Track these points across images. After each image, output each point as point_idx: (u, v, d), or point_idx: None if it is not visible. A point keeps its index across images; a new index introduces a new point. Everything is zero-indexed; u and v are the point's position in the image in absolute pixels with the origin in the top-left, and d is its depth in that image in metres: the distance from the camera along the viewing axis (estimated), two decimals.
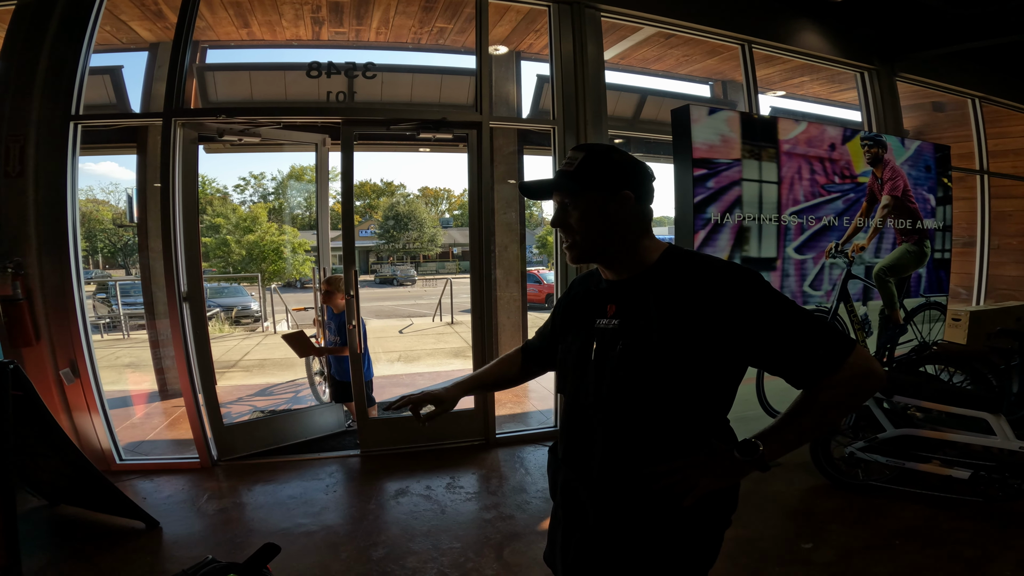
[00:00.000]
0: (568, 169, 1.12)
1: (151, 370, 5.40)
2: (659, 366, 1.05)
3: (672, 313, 1.05)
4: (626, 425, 1.10)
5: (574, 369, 1.20)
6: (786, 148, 3.33)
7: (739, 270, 1.07)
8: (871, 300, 3.77)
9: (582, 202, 1.12)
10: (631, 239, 1.14)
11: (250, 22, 4.63)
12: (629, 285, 1.15)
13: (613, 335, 1.12)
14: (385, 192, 45.14)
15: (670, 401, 1.07)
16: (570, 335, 1.25)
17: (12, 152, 2.98)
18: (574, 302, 1.30)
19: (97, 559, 2.47)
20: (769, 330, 1.03)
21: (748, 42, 4.51)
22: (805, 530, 2.71)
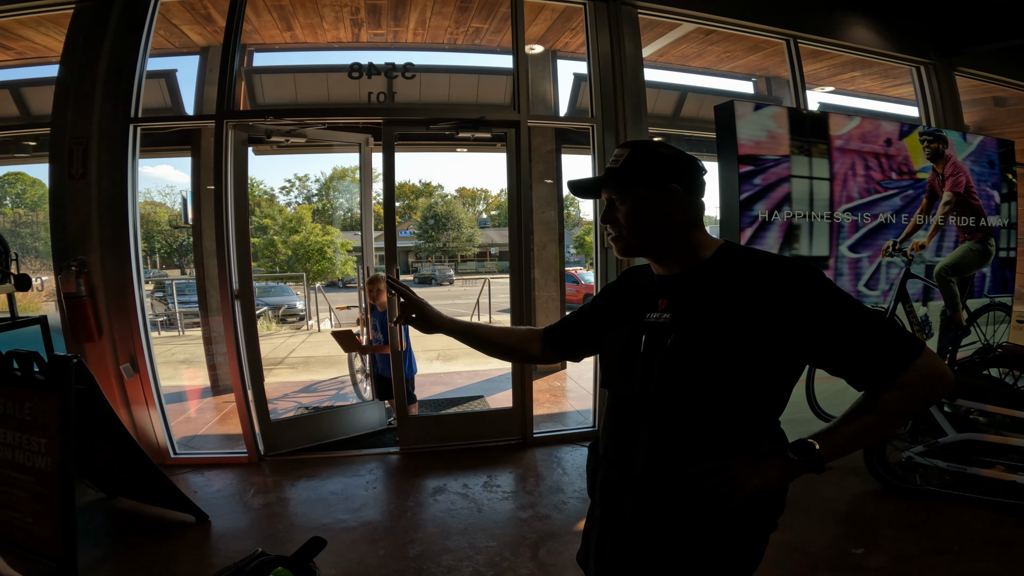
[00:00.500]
0: (615, 166, 1.12)
1: (204, 366, 5.61)
2: (711, 362, 1.02)
3: (728, 309, 1.03)
4: (673, 422, 1.08)
5: (621, 362, 1.18)
6: (838, 144, 3.20)
7: (801, 266, 1.04)
8: (932, 300, 3.58)
9: (628, 197, 1.11)
10: (682, 233, 1.12)
11: (293, 25, 4.75)
12: (682, 280, 1.13)
13: (663, 329, 1.10)
14: (423, 193, 45.73)
15: (720, 398, 1.04)
16: (617, 327, 1.22)
17: (75, 154, 3.12)
18: (623, 294, 1.28)
19: (150, 552, 2.56)
20: (833, 328, 0.99)
21: (794, 37, 4.37)
22: (856, 535, 2.61)
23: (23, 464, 2.33)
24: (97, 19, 3.28)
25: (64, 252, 3.15)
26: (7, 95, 4.55)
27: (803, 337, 1.00)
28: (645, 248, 1.14)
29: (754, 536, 1.10)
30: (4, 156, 5.49)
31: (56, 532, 2.25)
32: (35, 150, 4.66)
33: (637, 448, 1.12)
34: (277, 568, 0.97)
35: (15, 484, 2.35)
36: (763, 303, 1.00)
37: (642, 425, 1.12)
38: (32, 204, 22.52)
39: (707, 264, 1.11)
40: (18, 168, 22.54)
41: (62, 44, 3.36)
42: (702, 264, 1.12)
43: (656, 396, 1.08)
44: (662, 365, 1.07)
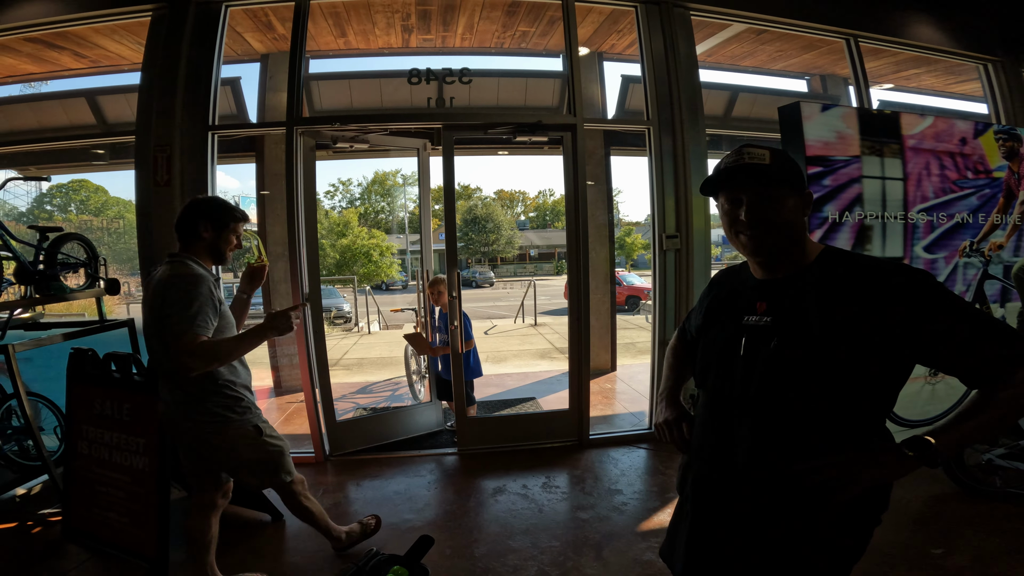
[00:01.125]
0: (763, 163, 1.12)
1: (268, 368, 5.75)
2: (815, 366, 1.04)
3: (835, 313, 1.04)
4: (776, 422, 1.09)
5: (718, 364, 1.20)
6: (911, 143, 3.11)
7: (911, 268, 1.07)
8: (1009, 302, 3.45)
9: (776, 196, 1.12)
10: (801, 237, 1.15)
11: (346, 31, 4.87)
12: (785, 283, 1.14)
13: (765, 332, 1.12)
14: (463, 195, 46.13)
15: (825, 400, 1.05)
16: (714, 330, 1.25)
17: (159, 161, 3.25)
18: (718, 298, 1.29)
19: (233, 550, 2.61)
20: (948, 328, 1.01)
21: (853, 36, 4.29)
22: (935, 536, 2.56)
23: (121, 464, 2.42)
24: (174, 26, 3.38)
25: (150, 258, 3.27)
26: (83, 103, 4.75)
27: (917, 338, 1.02)
28: (776, 248, 1.15)
29: (859, 530, 1.13)
30: (77, 164, 5.74)
31: (150, 533, 2.31)
32: (110, 158, 4.85)
33: (737, 447, 1.14)
34: (394, 567, 1.02)
35: (114, 484, 2.44)
36: (873, 306, 1.02)
37: (742, 424, 1.13)
38: (95, 210, 23.50)
39: (811, 268, 1.14)
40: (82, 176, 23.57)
41: (135, 52, 3.49)
42: (806, 268, 1.14)
43: (758, 397, 1.10)
44: (764, 368, 1.10)
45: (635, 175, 67.84)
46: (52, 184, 24.14)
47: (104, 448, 2.47)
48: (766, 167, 1.11)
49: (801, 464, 1.05)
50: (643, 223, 37.54)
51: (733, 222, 1.16)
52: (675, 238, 3.73)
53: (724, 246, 38.62)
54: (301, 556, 2.58)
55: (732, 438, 1.15)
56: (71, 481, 2.58)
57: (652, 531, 2.72)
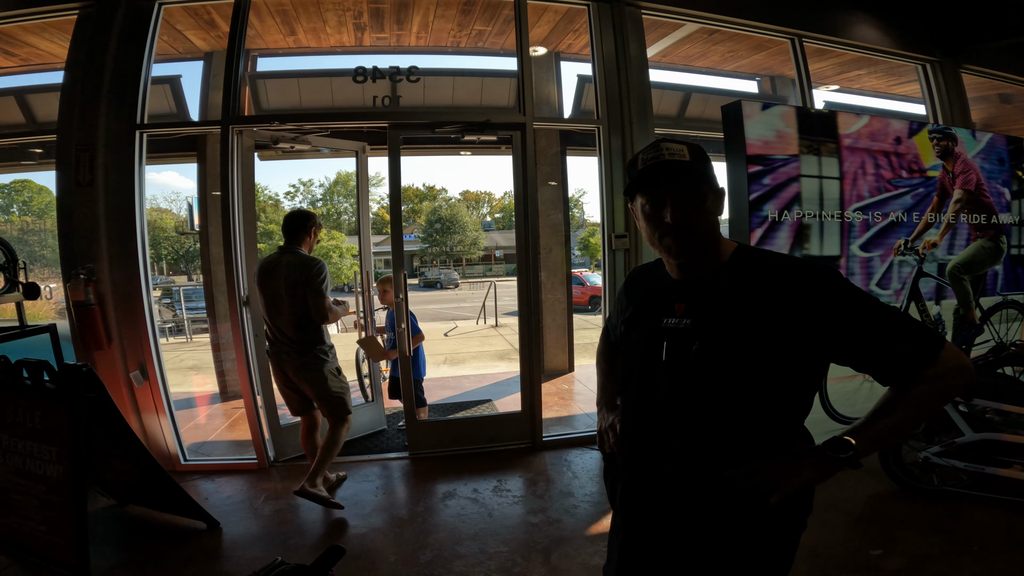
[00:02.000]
0: (684, 159, 1.06)
1: (213, 372, 5.61)
2: (739, 367, 1.02)
3: (752, 313, 1.02)
4: (704, 428, 1.06)
5: (640, 371, 1.16)
6: (847, 143, 3.18)
7: (821, 266, 1.05)
8: (944, 299, 3.55)
9: (698, 195, 1.07)
10: (718, 236, 1.13)
11: (296, 29, 4.75)
12: (702, 283, 1.11)
13: (686, 335, 1.08)
14: (428, 196, 45.82)
15: (751, 403, 1.04)
16: (634, 334, 1.20)
17: (82, 161, 3.12)
18: (635, 300, 1.25)
19: (163, 560, 2.55)
20: (860, 326, 1.01)
21: (798, 36, 4.36)
22: (873, 536, 2.59)
23: (35, 472, 2.33)
24: (101, 25, 3.27)
25: (72, 260, 3.15)
26: (12, 102, 4.53)
27: (830, 336, 1.01)
28: (699, 249, 1.11)
29: (787, 537, 1.11)
30: (10, 164, 5.49)
31: (68, 540, 2.25)
32: (41, 157, 4.66)
33: (666, 456, 1.11)
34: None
35: (28, 492, 2.36)
36: (788, 305, 1.01)
37: (668, 432, 1.10)
38: (39, 212, 22.59)
39: (726, 267, 1.11)
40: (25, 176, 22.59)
41: (67, 50, 3.35)
42: (722, 267, 1.11)
43: (683, 403, 1.08)
44: (687, 373, 1.07)
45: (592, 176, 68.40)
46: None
47: (17, 456, 2.38)
48: (687, 164, 1.06)
49: (730, 471, 1.04)
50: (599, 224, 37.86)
51: (657, 225, 1.09)
52: (624, 237, 3.73)
53: None
54: (238, 565, 2.50)
55: (658, 446, 1.12)
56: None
57: (602, 535, 2.69)
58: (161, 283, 17.83)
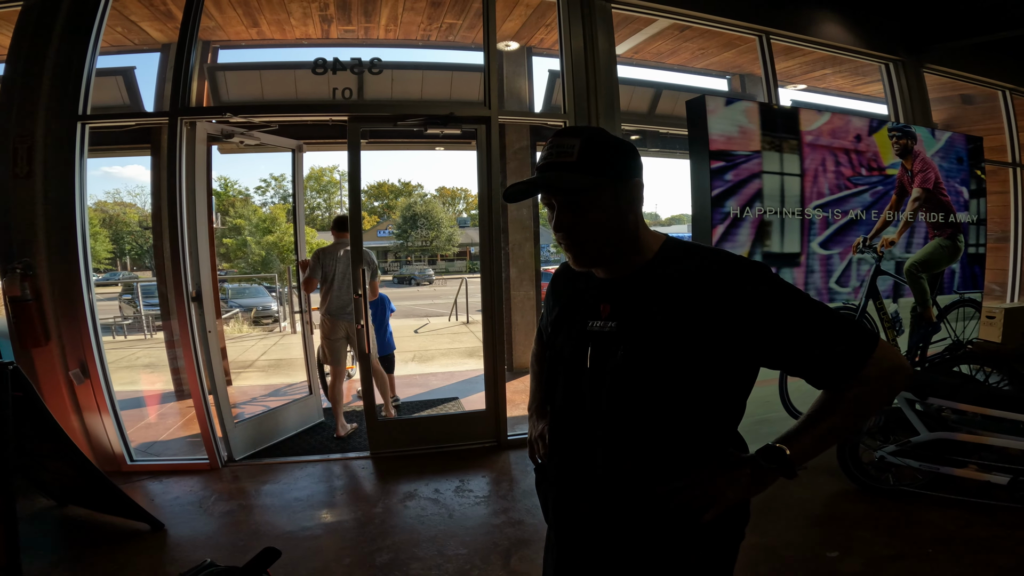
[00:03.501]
0: (568, 160, 0.95)
1: (167, 370, 5.44)
2: (668, 374, 0.96)
3: (680, 314, 0.95)
4: (631, 438, 1.00)
5: (566, 377, 1.09)
6: (809, 139, 3.19)
7: (750, 263, 0.98)
8: (902, 297, 3.59)
9: (593, 197, 0.96)
10: (635, 232, 1.02)
11: (259, 21, 4.62)
12: (627, 283, 1.03)
13: (611, 340, 1.00)
14: (403, 192, 45.42)
15: (680, 411, 0.98)
16: (560, 337, 1.13)
17: (20, 153, 2.98)
18: (561, 301, 1.17)
19: (99, 561, 2.45)
20: (788, 327, 0.94)
21: (766, 33, 4.39)
22: (831, 538, 2.58)
23: None
24: (44, 16, 3.14)
25: (9, 254, 3.01)
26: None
27: (759, 337, 0.94)
28: (601, 256, 1.02)
29: (724, 548, 1.06)
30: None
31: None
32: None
33: (593, 468, 1.05)
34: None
35: None
36: (718, 305, 0.94)
37: (596, 444, 1.04)
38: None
39: (652, 264, 1.03)
40: None
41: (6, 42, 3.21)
42: (647, 264, 1.03)
43: (610, 413, 1.01)
44: (614, 381, 1.00)
45: None
46: None
47: None
48: (574, 163, 0.95)
49: (662, 488, 0.98)
50: None
51: (554, 231, 1.01)
52: None
53: None
54: (181, 567, 2.41)
55: (586, 458, 1.06)
56: None
57: None
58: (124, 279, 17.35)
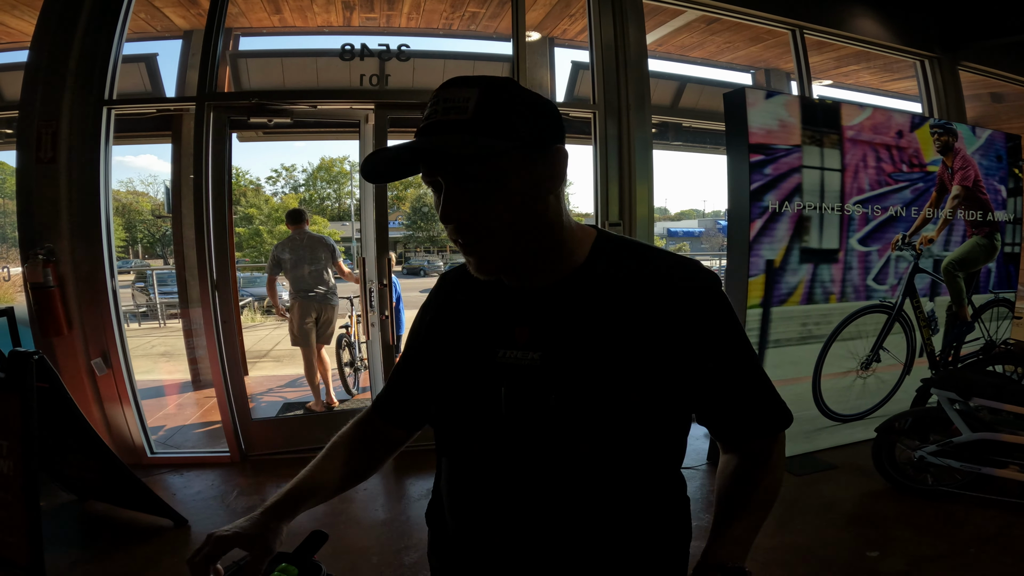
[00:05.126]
0: (462, 117, 0.64)
1: (185, 360, 5.40)
2: (611, 419, 0.72)
3: (625, 335, 0.71)
4: (571, 500, 0.75)
5: (468, 426, 0.81)
6: (850, 134, 3.11)
7: (708, 272, 0.77)
8: (938, 295, 3.52)
9: (496, 170, 0.66)
10: (559, 223, 0.74)
11: (281, 8, 4.56)
12: (552, 295, 0.76)
13: (535, 378, 0.73)
14: (413, 184, 45.35)
15: (631, 459, 0.75)
16: (453, 373, 0.82)
17: (44, 138, 2.92)
18: (448, 318, 0.86)
19: (122, 558, 2.39)
20: (731, 365, 0.76)
21: (800, 27, 4.30)
22: (869, 537, 2.51)
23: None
24: (71, 1, 3.07)
25: (31, 240, 2.94)
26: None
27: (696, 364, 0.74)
28: (525, 255, 0.73)
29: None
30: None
31: (21, 539, 2.09)
32: (11, 138, 4.42)
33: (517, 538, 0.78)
34: (281, 564, 0.85)
35: None
36: (669, 321, 0.72)
37: (521, 508, 0.77)
38: (10, 194, 21.92)
39: (585, 269, 0.76)
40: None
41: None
42: (578, 269, 0.76)
43: (542, 473, 0.75)
44: (544, 433, 0.73)
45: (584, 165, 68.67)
46: None
47: None
48: (466, 124, 0.64)
49: None
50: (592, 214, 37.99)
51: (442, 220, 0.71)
52: (618, 226, 3.63)
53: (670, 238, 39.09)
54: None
55: (512, 528, 0.78)
56: None
57: None
58: (136, 266, 17.37)
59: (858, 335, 3.29)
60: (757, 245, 2.89)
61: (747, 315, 2.92)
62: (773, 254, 2.95)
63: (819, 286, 3.10)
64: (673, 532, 0.87)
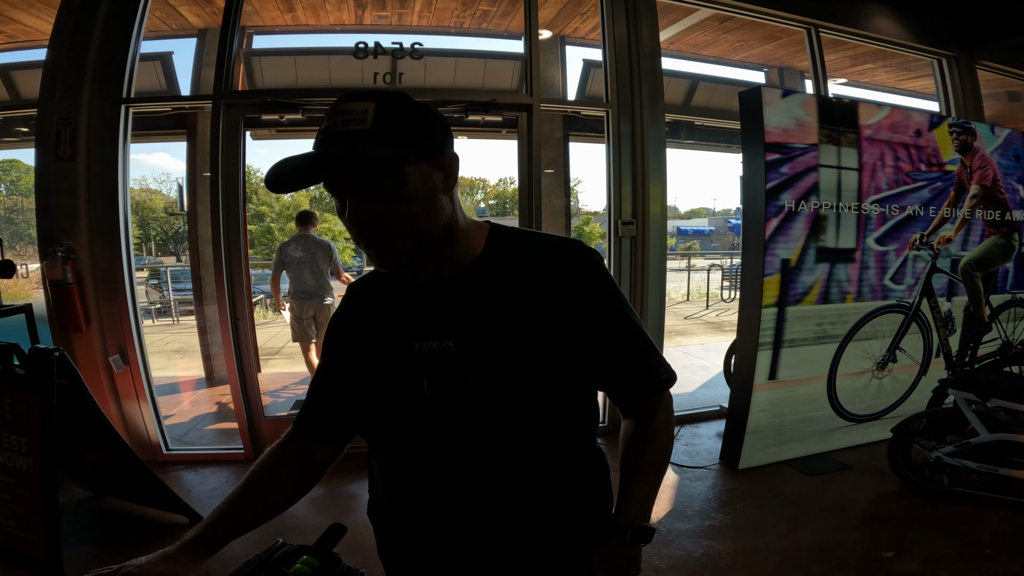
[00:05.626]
0: (362, 127, 0.71)
1: (199, 356, 5.44)
2: (529, 390, 0.81)
3: (526, 313, 0.80)
4: (497, 472, 0.83)
5: (395, 420, 0.87)
6: (867, 133, 3.08)
7: (587, 248, 0.87)
8: (956, 296, 3.48)
9: (397, 173, 0.73)
10: (455, 219, 0.82)
11: (294, 6, 4.59)
12: (457, 286, 0.83)
13: (453, 363, 0.80)
14: None
15: (544, 434, 0.84)
16: (374, 372, 0.88)
17: (63, 136, 2.94)
18: (360, 322, 0.91)
19: (140, 555, 2.40)
20: (615, 329, 0.86)
21: (815, 26, 4.26)
22: (884, 537, 2.50)
23: (4, 465, 2.16)
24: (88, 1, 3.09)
25: (50, 237, 2.97)
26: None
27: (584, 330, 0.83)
28: (427, 250, 0.80)
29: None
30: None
31: (40, 537, 2.10)
32: (26, 135, 4.48)
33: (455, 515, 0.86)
34: (303, 557, 0.88)
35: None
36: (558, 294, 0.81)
37: (452, 486, 0.84)
38: (27, 191, 22.18)
39: (483, 260, 0.84)
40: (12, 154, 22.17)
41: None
42: (477, 260, 0.84)
43: (468, 452, 0.83)
44: (468, 415, 0.81)
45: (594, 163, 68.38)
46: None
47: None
48: (367, 133, 0.71)
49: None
50: (601, 212, 37.66)
51: (349, 228, 0.77)
52: (631, 224, 3.61)
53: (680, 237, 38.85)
54: (221, 563, 2.37)
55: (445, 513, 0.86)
56: None
57: None
58: (149, 264, 17.48)
59: (874, 335, 3.26)
60: (772, 244, 2.87)
61: (762, 315, 2.91)
62: (789, 253, 2.93)
63: (835, 286, 3.08)
64: (594, 498, 0.93)
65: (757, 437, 3.08)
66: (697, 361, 6.15)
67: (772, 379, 3.03)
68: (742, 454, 3.08)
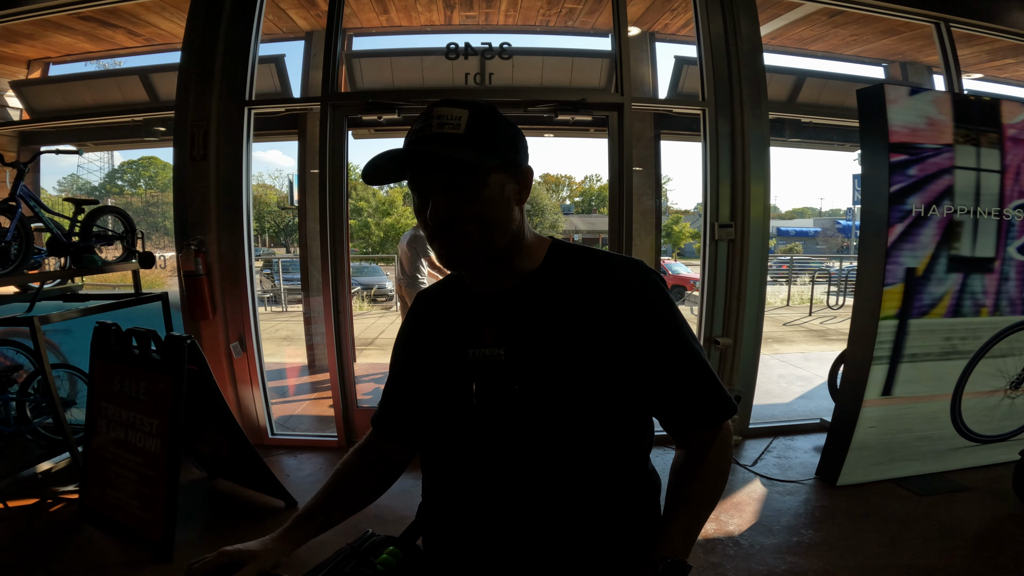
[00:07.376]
0: (455, 132, 0.77)
1: (303, 344, 5.74)
2: (576, 405, 0.81)
3: (578, 329, 0.81)
4: (537, 480, 0.83)
5: (445, 424, 0.91)
6: (1011, 133, 2.77)
7: (643, 268, 0.87)
8: None
9: (481, 180, 0.78)
10: (523, 231, 0.86)
11: (388, 8, 4.76)
12: (513, 297, 0.87)
13: (501, 371, 0.83)
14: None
15: (591, 451, 0.84)
16: (432, 375, 0.92)
17: (197, 137, 3.19)
18: (424, 330, 0.97)
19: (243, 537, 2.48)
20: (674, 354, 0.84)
21: (944, 20, 3.89)
22: (1000, 562, 2.23)
23: (135, 445, 2.31)
24: (213, 4, 3.31)
25: (185, 231, 3.23)
26: (136, 81, 4.80)
27: (641, 353, 0.82)
28: (494, 257, 0.84)
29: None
30: (135, 140, 5.87)
31: (158, 517, 2.20)
32: (163, 135, 4.92)
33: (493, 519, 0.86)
34: (389, 548, 0.92)
35: (126, 465, 2.33)
36: (614, 312, 0.82)
37: (492, 490, 0.86)
38: (163, 186, 24.42)
39: (541, 272, 0.87)
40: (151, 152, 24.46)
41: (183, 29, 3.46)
42: (535, 273, 0.87)
43: (512, 461, 0.84)
44: (511, 421, 0.83)
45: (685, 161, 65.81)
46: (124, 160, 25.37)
47: (120, 427, 2.36)
48: (460, 138, 0.76)
49: None
50: (692, 211, 36.17)
51: (425, 224, 0.81)
52: (729, 227, 3.45)
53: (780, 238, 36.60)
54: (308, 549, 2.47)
55: (486, 523, 0.87)
56: (89, 459, 2.48)
57: None
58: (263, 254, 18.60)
59: (1010, 352, 2.93)
60: (896, 252, 2.64)
61: (879, 326, 2.69)
62: (915, 262, 2.68)
63: (968, 298, 2.79)
64: (637, 523, 0.90)
65: (862, 454, 2.85)
66: (796, 371, 5.80)
67: (886, 395, 2.80)
68: (843, 470, 2.85)
